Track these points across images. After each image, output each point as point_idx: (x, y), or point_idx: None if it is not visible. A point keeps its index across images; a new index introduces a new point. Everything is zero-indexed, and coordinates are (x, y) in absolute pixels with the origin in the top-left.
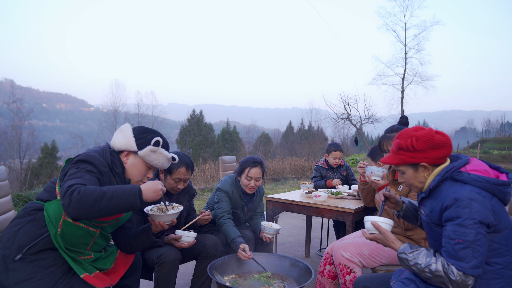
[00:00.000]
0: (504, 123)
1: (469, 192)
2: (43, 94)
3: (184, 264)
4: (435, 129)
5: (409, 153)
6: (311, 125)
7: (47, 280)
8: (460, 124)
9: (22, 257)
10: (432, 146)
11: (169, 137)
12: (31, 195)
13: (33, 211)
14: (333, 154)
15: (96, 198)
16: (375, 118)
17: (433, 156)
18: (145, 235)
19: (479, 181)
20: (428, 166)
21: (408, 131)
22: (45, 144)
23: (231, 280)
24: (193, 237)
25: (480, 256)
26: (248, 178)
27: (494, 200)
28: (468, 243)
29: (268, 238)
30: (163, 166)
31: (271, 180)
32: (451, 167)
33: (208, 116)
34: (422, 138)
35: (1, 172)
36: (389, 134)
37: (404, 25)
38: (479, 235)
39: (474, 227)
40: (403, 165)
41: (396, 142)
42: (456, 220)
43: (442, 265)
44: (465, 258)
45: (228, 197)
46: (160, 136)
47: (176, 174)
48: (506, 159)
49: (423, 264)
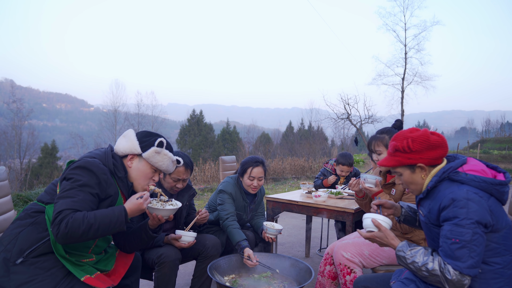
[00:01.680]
0: (504, 123)
1: (466, 192)
2: (43, 94)
3: (184, 264)
4: (433, 130)
5: (406, 154)
6: (311, 125)
7: (48, 282)
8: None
9: (23, 260)
10: (428, 146)
11: (169, 137)
12: (31, 195)
13: (35, 213)
14: (340, 167)
15: (83, 232)
16: (375, 118)
17: (430, 157)
18: (142, 231)
19: (476, 181)
20: (425, 167)
21: (403, 132)
22: (45, 144)
23: (231, 280)
24: (193, 237)
25: (476, 256)
26: (251, 178)
27: (492, 200)
28: (465, 242)
29: (271, 238)
30: (168, 168)
31: (271, 180)
32: (448, 167)
33: (208, 116)
34: (418, 139)
35: (1, 172)
36: (379, 135)
37: (404, 25)
38: (476, 235)
39: (471, 227)
40: (400, 166)
41: (392, 144)
42: (453, 220)
43: (438, 264)
44: (461, 258)
45: (232, 199)
46: (163, 138)
47: (174, 173)
48: (506, 159)
49: (420, 263)
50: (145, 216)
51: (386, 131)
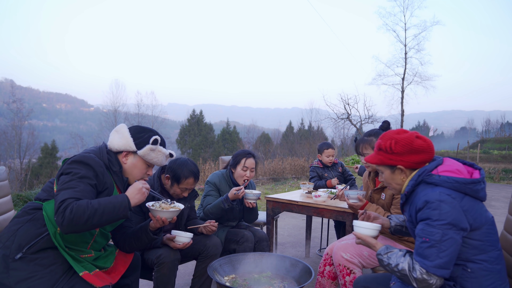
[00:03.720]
0: (504, 123)
1: (439, 194)
2: (43, 94)
3: (184, 264)
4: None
5: (387, 154)
6: (311, 125)
7: (47, 278)
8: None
9: (22, 256)
10: (410, 150)
11: (169, 137)
12: (31, 195)
13: (32, 210)
14: (326, 152)
15: (89, 216)
16: (375, 118)
17: (411, 160)
18: (143, 232)
19: (449, 182)
20: (405, 170)
21: (390, 133)
22: (45, 144)
23: (231, 280)
24: (189, 238)
25: (445, 257)
26: (244, 168)
27: (466, 199)
28: (434, 242)
29: (250, 203)
30: (162, 163)
31: (271, 180)
32: (423, 170)
33: (208, 116)
34: (401, 142)
35: (1, 172)
36: (367, 138)
37: (404, 25)
38: (446, 236)
39: (441, 228)
40: (382, 165)
41: (378, 142)
42: (426, 220)
43: (408, 264)
44: (429, 257)
45: (217, 189)
46: (157, 134)
47: (184, 184)
48: (506, 159)
49: (393, 264)
50: (147, 217)
51: (374, 133)
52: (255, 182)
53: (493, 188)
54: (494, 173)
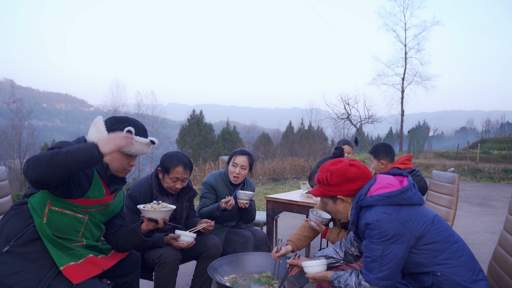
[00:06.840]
0: (504, 123)
1: (375, 214)
2: (43, 94)
3: (184, 264)
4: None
5: (326, 186)
6: (311, 125)
7: (36, 273)
8: (460, 124)
9: (9, 249)
10: (345, 180)
11: (169, 137)
12: None
13: (17, 206)
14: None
15: (52, 155)
16: (375, 118)
17: (348, 189)
18: (134, 233)
19: (381, 199)
20: (345, 199)
21: (326, 165)
22: (45, 144)
23: (231, 280)
24: (192, 237)
25: (387, 270)
26: (234, 164)
27: (403, 210)
28: (376, 257)
29: (243, 204)
30: (143, 152)
31: (271, 180)
32: (358, 196)
33: (208, 116)
34: (335, 173)
35: (1, 172)
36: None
37: (404, 25)
38: (387, 251)
39: (382, 244)
40: (324, 197)
41: (317, 175)
42: (368, 239)
43: (353, 280)
44: (372, 270)
45: (212, 189)
46: (132, 123)
47: (173, 174)
48: (506, 159)
49: (343, 284)
50: (139, 218)
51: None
52: (255, 182)
53: (493, 188)
54: (494, 173)
